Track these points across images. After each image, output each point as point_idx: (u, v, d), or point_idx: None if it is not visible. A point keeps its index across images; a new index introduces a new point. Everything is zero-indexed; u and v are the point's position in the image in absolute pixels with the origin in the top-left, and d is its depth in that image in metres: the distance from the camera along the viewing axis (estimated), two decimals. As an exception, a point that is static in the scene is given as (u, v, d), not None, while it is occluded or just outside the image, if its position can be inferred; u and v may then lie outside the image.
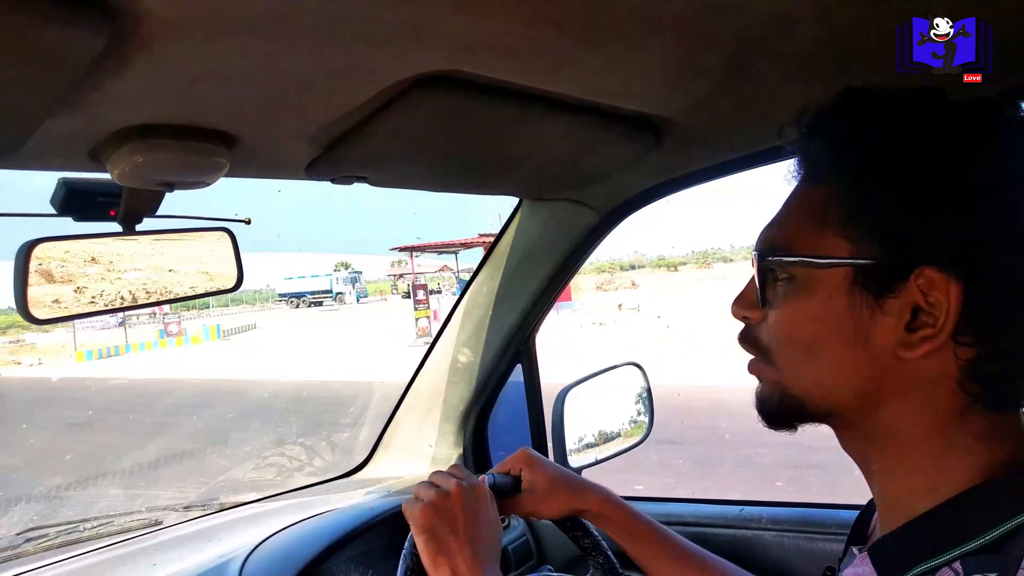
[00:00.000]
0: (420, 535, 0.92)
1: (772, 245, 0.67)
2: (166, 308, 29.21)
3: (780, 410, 0.69)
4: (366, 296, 50.60)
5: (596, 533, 1.16)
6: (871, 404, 0.63)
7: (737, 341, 0.73)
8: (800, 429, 0.70)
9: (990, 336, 0.58)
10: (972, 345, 0.58)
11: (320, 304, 48.08)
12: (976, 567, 0.55)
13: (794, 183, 0.68)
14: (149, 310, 27.79)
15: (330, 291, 49.12)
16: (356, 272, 53.47)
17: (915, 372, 0.60)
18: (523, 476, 1.10)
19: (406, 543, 0.96)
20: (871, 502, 0.75)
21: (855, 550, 0.70)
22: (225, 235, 1.16)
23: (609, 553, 1.16)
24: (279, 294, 53.23)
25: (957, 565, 0.56)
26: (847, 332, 0.62)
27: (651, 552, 1.07)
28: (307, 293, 49.55)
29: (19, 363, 23.91)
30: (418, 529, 0.93)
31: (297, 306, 48.57)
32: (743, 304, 0.72)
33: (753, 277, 0.69)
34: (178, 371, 17.58)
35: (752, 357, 0.72)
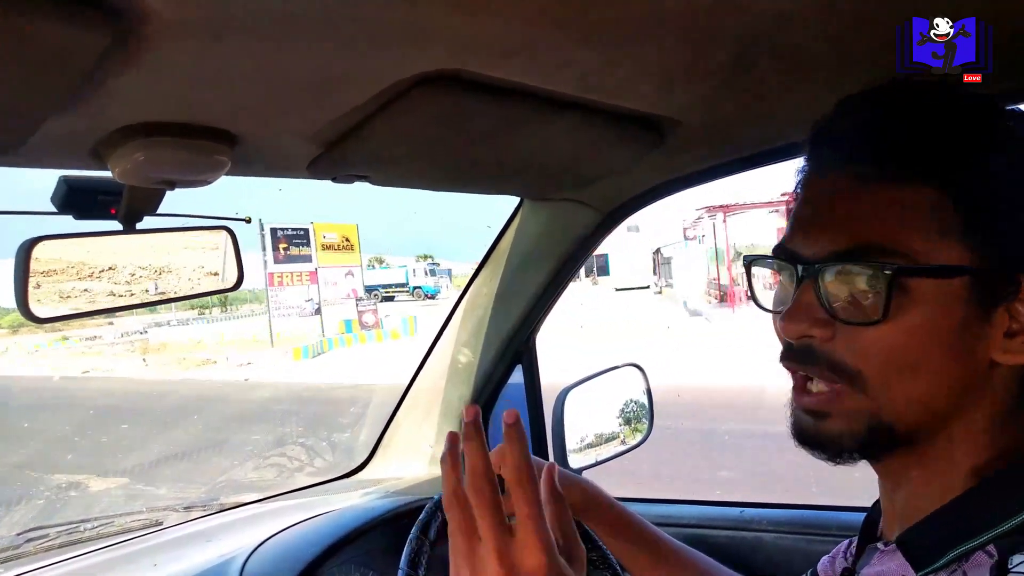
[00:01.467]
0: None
1: (863, 247, 0.59)
2: (360, 292, 26.63)
3: (868, 441, 0.62)
4: (432, 294, 43.42)
5: (602, 546, 1.15)
6: (953, 414, 0.61)
7: (788, 362, 0.65)
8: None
9: None
10: None
11: (392, 299, 41.35)
12: (1010, 548, 0.55)
13: (838, 173, 0.63)
14: (345, 293, 25.66)
15: (405, 284, 43.43)
16: (433, 263, 47.03)
17: (996, 376, 0.60)
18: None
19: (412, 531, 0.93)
20: (876, 503, 0.74)
21: (879, 545, 0.69)
22: (226, 234, 1.16)
23: (618, 568, 1.15)
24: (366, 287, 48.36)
25: (991, 547, 0.56)
26: (956, 344, 0.59)
27: (634, 550, 1.04)
28: (379, 287, 42.36)
29: (214, 362, 19.11)
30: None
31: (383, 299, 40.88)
32: (807, 319, 0.62)
33: (808, 286, 0.62)
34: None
35: (813, 388, 0.64)
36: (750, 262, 0.72)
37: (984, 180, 0.58)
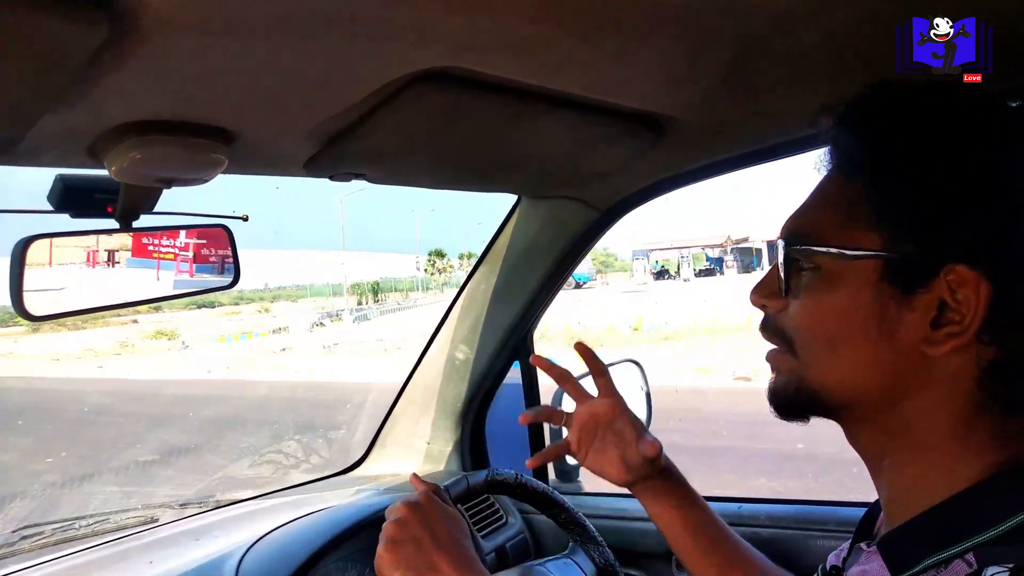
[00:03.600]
0: (395, 573, 0.87)
1: (799, 233, 0.66)
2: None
3: (795, 401, 0.69)
4: (585, 281, 42.11)
5: (572, 508, 1.16)
6: (891, 399, 0.63)
7: (759, 330, 0.73)
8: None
9: (1015, 338, 0.58)
10: (995, 345, 0.58)
11: None
12: (990, 558, 0.54)
13: (823, 172, 0.68)
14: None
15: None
16: None
17: (937, 369, 0.60)
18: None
19: None
20: (878, 500, 0.74)
21: (863, 546, 0.70)
22: (224, 232, 1.16)
23: (587, 524, 1.15)
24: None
25: (970, 556, 0.55)
26: (872, 326, 0.61)
27: (716, 550, 1.03)
28: None
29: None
30: (390, 569, 0.88)
31: None
32: (763, 292, 0.71)
33: (776, 265, 0.69)
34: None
35: (772, 347, 0.71)
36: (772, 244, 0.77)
37: (907, 173, 0.59)
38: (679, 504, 1.04)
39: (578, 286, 40.20)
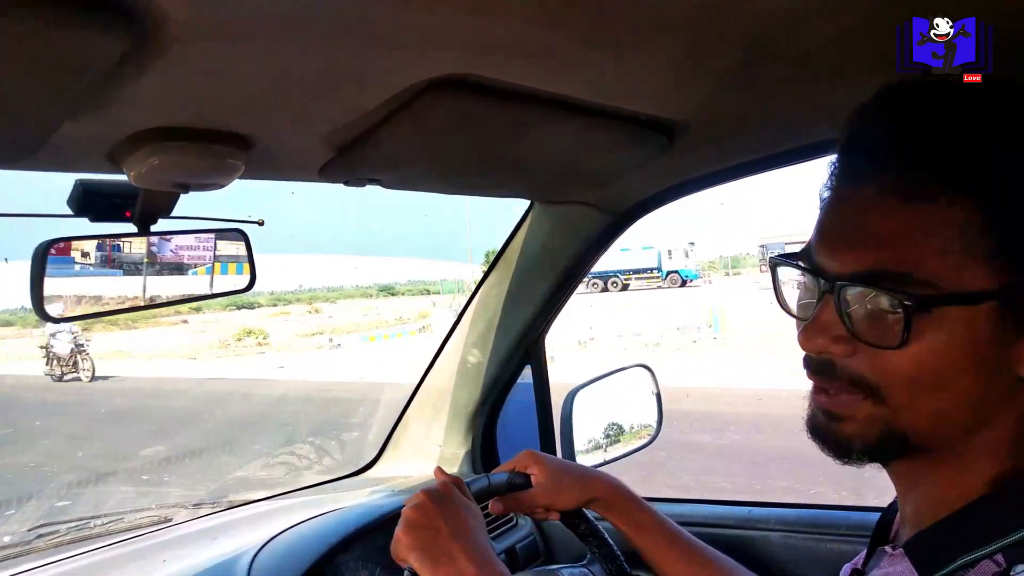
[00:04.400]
0: (410, 556, 0.89)
1: (885, 272, 0.57)
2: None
3: (878, 448, 0.62)
4: (692, 278, 37.53)
5: (592, 519, 1.17)
6: (976, 428, 0.61)
7: (808, 372, 0.65)
8: None
9: None
10: None
11: (626, 287, 35.60)
12: (1018, 558, 0.54)
13: (860, 187, 0.61)
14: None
15: (657, 268, 36.33)
16: (691, 242, 39.04)
17: (1021, 391, 0.59)
18: (531, 473, 1.10)
19: (405, 569, 0.93)
20: (893, 503, 0.74)
21: (888, 549, 0.69)
22: (240, 236, 1.17)
23: (606, 537, 1.16)
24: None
25: (999, 557, 0.55)
26: (984, 363, 0.57)
27: (658, 545, 1.07)
28: (616, 273, 35.86)
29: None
30: (406, 552, 0.89)
31: (604, 289, 35.24)
32: (827, 335, 0.61)
33: (829, 303, 0.61)
34: None
35: (834, 391, 0.63)
36: (776, 264, 0.70)
37: (1017, 195, 0.55)
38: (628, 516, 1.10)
39: (684, 283, 36.17)
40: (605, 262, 31.40)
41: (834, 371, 0.62)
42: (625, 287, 35.69)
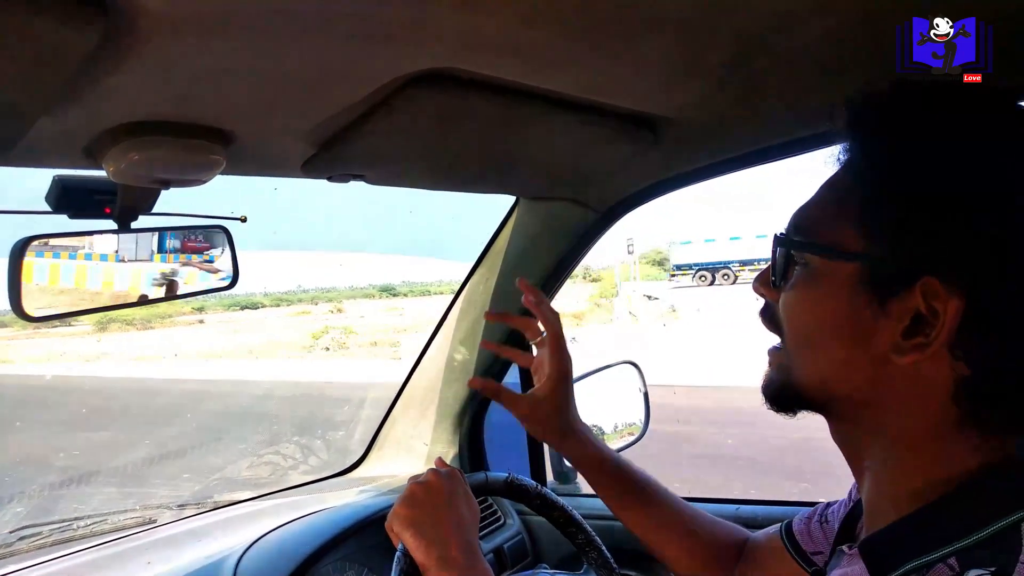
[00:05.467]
0: (405, 531, 0.91)
1: (794, 227, 0.67)
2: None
3: (781, 394, 0.69)
4: None
5: (590, 530, 1.16)
6: (866, 402, 0.63)
7: (758, 315, 0.73)
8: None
9: (985, 354, 0.57)
10: (966, 361, 0.57)
11: (736, 280, 30.36)
12: (972, 562, 0.54)
13: (836, 168, 0.67)
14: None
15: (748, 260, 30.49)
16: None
17: (910, 378, 0.60)
18: (545, 365, 1.10)
19: (399, 545, 0.95)
20: (859, 502, 0.75)
21: (845, 548, 0.70)
22: (222, 232, 1.15)
23: (603, 549, 1.16)
24: (674, 266, 33.47)
25: (952, 561, 0.55)
26: (846, 328, 0.62)
27: (612, 486, 1.08)
28: (729, 263, 31.15)
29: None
30: (402, 526, 0.91)
31: (712, 282, 30.85)
32: (762, 280, 0.72)
33: (775, 254, 0.69)
34: None
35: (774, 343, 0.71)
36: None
37: (894, 178, 0.59)
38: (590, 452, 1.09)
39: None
40: (715, 251, 31.00)
41: (764, 313, 0.72)
42: (736, 280, 30.88)
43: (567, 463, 1.83)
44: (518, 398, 1.09)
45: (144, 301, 1.11)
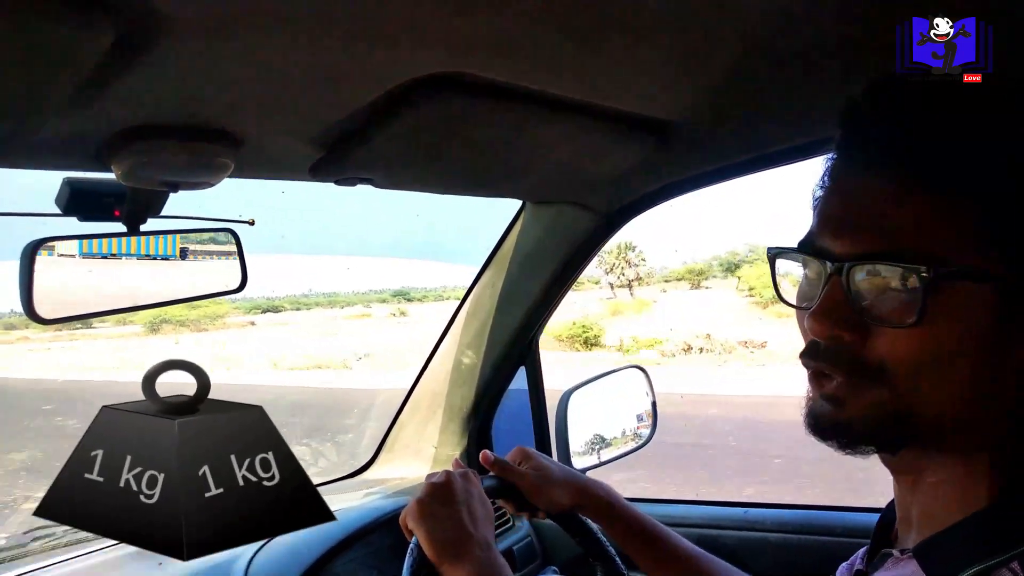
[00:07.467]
0: (420, 526, 0.92)
1: (897, 251, 0.58)
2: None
3: (883, 431, 0.62)
4: None
5: (602, 537, 1.16)
6: (978, 421, 0.61)
7: (812, 360, 0.64)
8: None
9: None
10: None
11: None
12: None
13: (860, 172, 0.62)
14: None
15: None
16: None
17: (1017, 388, 0.59)
18: (522, 469, 1.11)
19: (411, 540, 0.96)
20: (891, 504, 0.73)
21: (895, 552, 0.68)
22: (230, 236, 1.16)
23: (616, 559, 1.15)
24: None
25: (1015, 565, 0.54)
26: (987, 350, 0.58)
27: (650, 552, 1.07)
28: None
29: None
30: (416, 521, 0.93)
31: None
32: (835, 318, 0.61)
33: (837, 286, 0.60)
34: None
35: (839, 378, 0.62)
36: (775, 255, 0.70)
37: (1018, 190, 0.56)
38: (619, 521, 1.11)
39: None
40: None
41: (840, 357, 0.61)
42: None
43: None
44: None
45: (154, 304, 1.12)
